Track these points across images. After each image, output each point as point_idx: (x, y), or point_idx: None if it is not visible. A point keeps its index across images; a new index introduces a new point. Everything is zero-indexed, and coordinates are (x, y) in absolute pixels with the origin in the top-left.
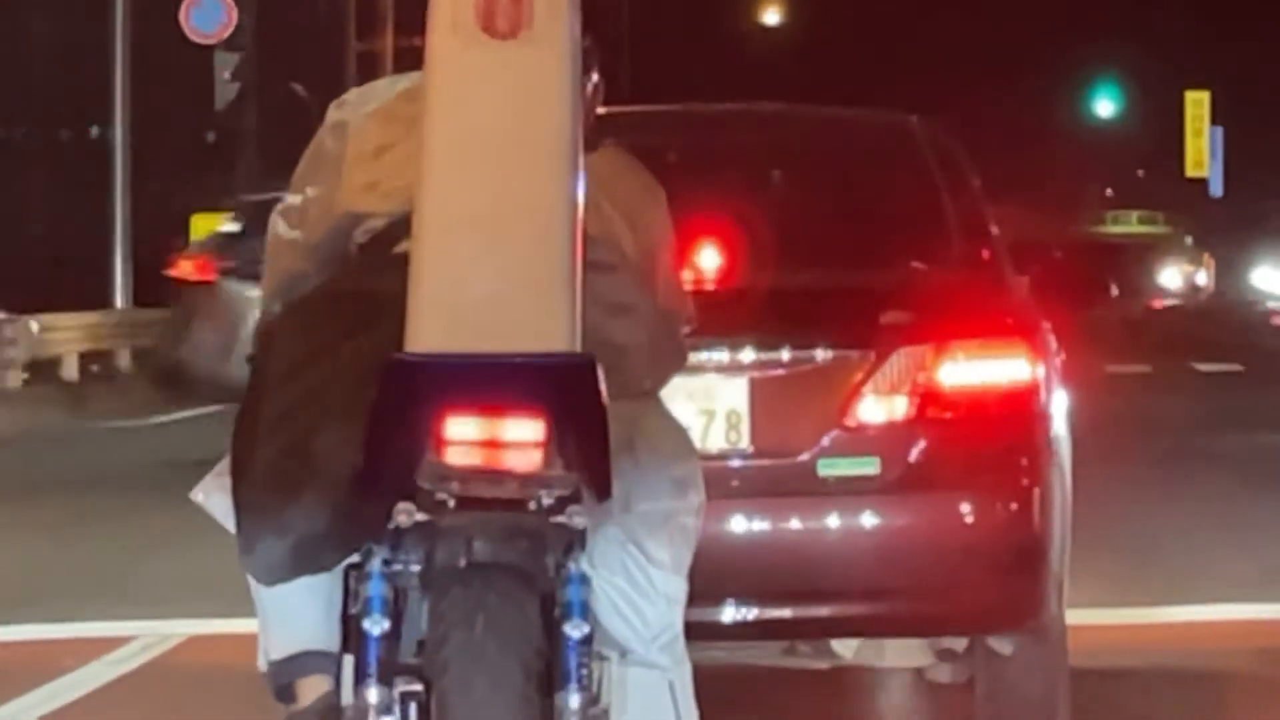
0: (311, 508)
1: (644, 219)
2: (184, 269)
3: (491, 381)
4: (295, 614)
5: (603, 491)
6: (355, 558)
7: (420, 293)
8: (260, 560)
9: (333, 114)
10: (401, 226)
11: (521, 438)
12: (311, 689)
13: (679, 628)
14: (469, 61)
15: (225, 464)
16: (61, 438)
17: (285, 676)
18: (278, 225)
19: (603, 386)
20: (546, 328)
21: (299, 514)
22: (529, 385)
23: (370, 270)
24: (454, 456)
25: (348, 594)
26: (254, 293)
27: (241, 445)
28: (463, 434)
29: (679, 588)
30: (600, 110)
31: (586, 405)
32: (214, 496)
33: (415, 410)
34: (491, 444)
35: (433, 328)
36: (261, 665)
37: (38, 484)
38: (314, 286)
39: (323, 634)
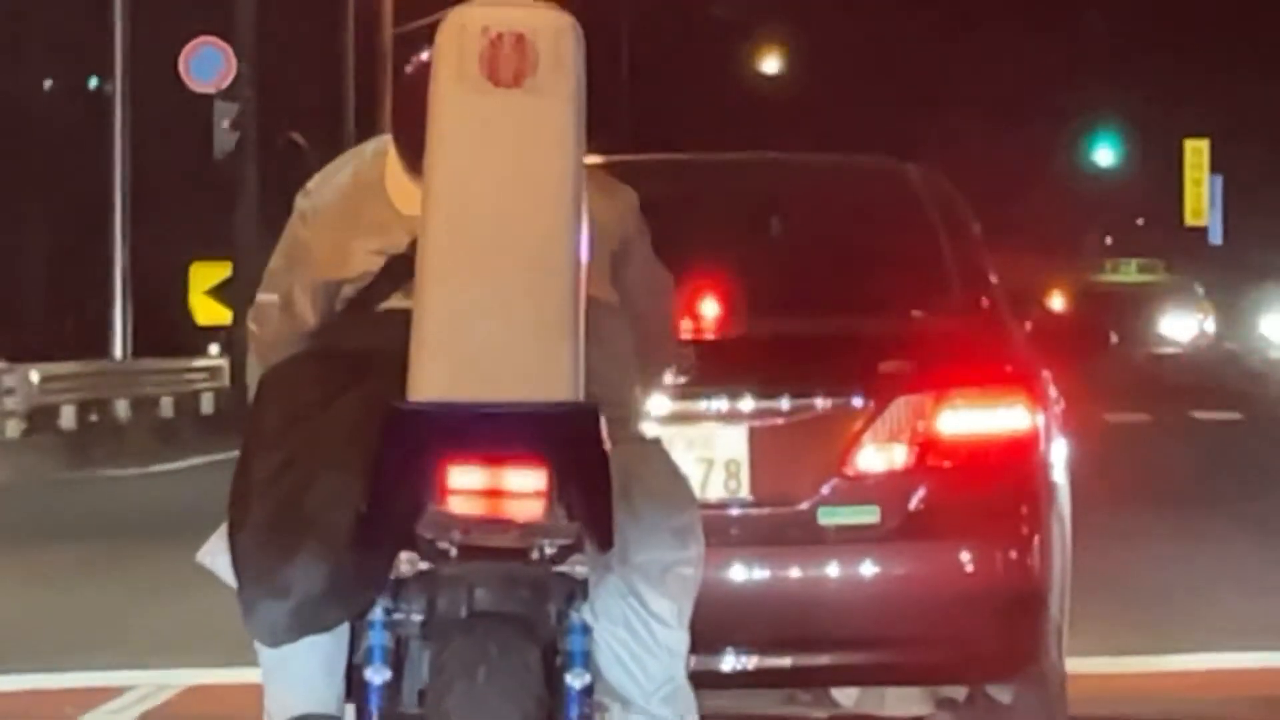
0: (309, 568)
1: (607, 224)
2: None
3: (493, 431)
4: (297, 675)
5: (605, 541)
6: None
7: (422, 341)
8: (262, 622)
9: (300, 203)
10: (378, 287)
11: (523, 487)
12: None
13: (680, 680)
14: (473, 109)
15: (227, 526)
16: (60, 487)
17: None
18: (255, 326)
19: (605, 435)
20: (548, 376)
21: (297, 575)
22: (531, 434)
23: (354, 329)
24: (456, 505)
25: (354, 646)
26: None
27: (237, 506)
28: (465, 483)
29: (680, 640)
30: (600, 160)
31: (588, 454)
32: (219, 558)
33: (417, 459)
34: (493, 493)
35: (435, 376)
36: None
37: (36, 533)
38: (301, 350)
39: (325, 695)
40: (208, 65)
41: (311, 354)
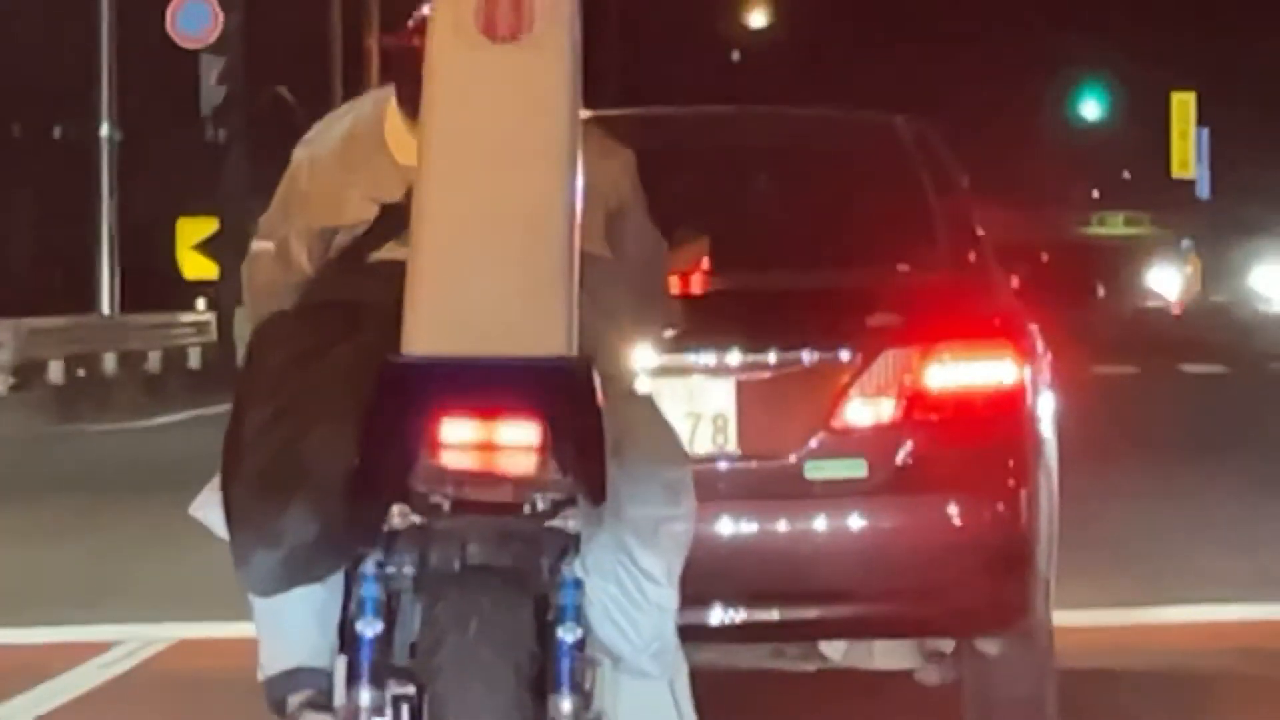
0: (302, 517)
1: (604, 184)
2: None
3: (487, 384)
4: (290, 628)
5: (597, 496)
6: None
7: (417, 295)
8: (254, 572)
9: (297, 154)
10: (371, 237)
11: (516, 441)
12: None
13: (670, 637)
14: (469, 64)
15: (219, 478)
16: (47, 441)
17: (279, 691)
18: (249, 273)
19: (599, 390)
20: (543, 331)
21: (290, 524)
22: (524, 388)
23: (347, 280)
24: (449, 459)
25: (347, 599)
26: None
27: (230, 456)
28: (458, 437)
29: (670, 598)
30: (586, 113)
31: (582, 409)
32: (211, 510)
33: (411, 412)
34: (486, 447)
35: (429, 330)
36: (259, 676)
37: (23, 488)
38: (295, 301)
39: (318, 649)
40: (194, 19)
41: (305, 305)
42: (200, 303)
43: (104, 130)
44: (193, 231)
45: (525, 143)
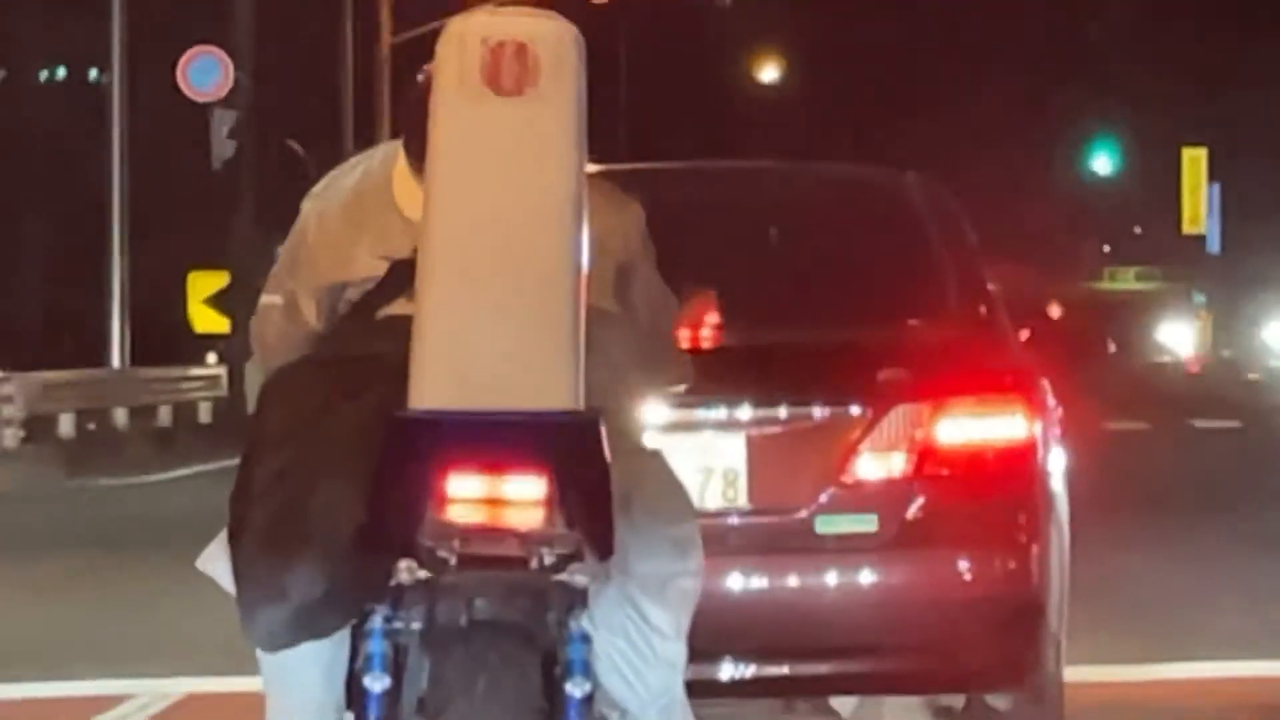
0: (309, 573)
1: (615, 238)
2: None
3: (494, 439)
4: (296, 685)
5: (604, 550)
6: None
7: (423, 349)
8: (260, 627)
9: (306, 206)
10: (380, 293)
11: (523, 495)
12: None
13: (678, 692)
14: (474, 118)
15: (227, 532)
16: (58, 496)
17: None
18: (258, 328)
19: (606, 444)
20: (550, 385)
21: (297, 580)
22: (531, 443)
23: (358, 336)
24: (456, 514)
25: (354, 654)
26: None
27: (238, 510)
28: (465, 491)
29: (679, 653)
30: (595, 168)
31: (589, 463)
32: (219, 564)
33: (418, 467)
34: (493, 501)
35: (436, 384)
36: None
37: (34, 542)
38: (304, 355)
39: (325, 704)
40: (206, 74)
41: (314, 360)
42: (211, 357)
43: (115, 184)
44: (203, 285)
45: (531, 196)
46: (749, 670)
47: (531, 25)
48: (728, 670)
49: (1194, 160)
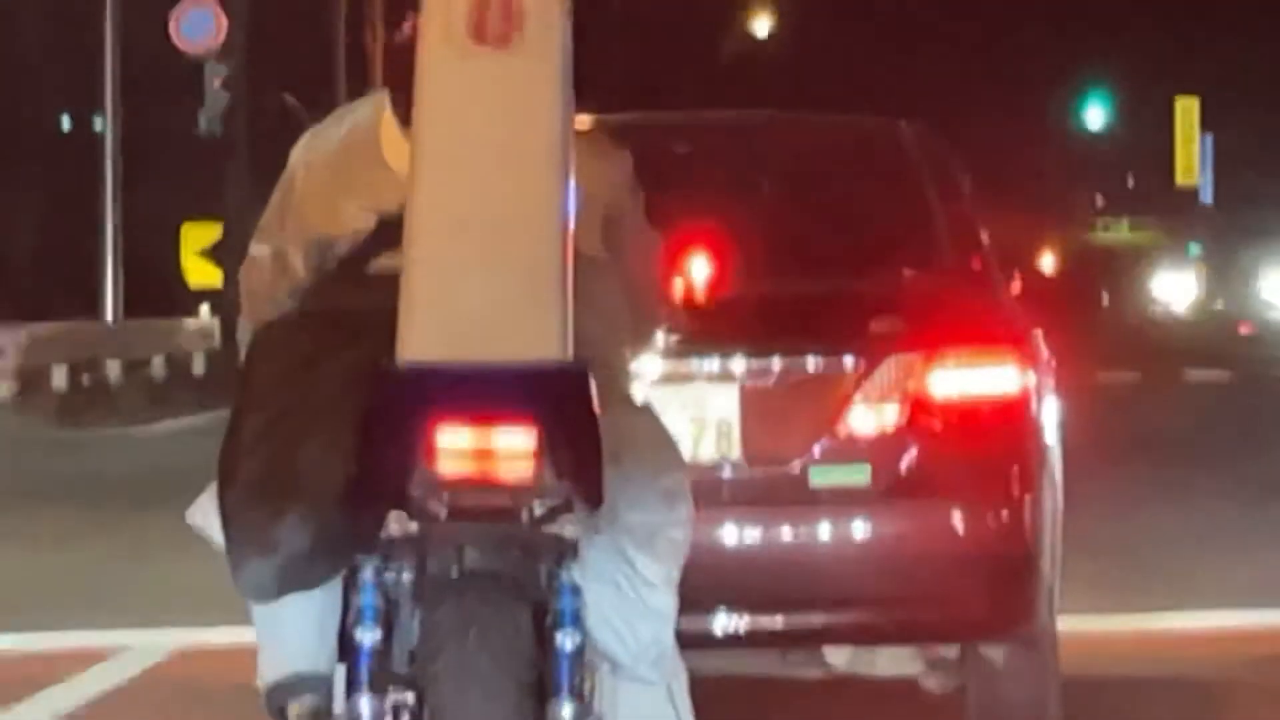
0: (297, 525)
1: (602, 187)
2: None
3: (483, 391)
4: (289, 635)
5: (594, 501)
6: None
7: (411, 302)
8: (250, 579)
9: (294, 158)
10: (369, 247)
11: (513, 447)
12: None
13: (668, 643)
14: (460, 70)
15: (216, 485)
16: (51, 447)
17: (279, 699)
18: (246, 277)
19: (595, 395)
20: (538, 336)
21: (285, 531)
22: (520, 394)
23: (346, 290)
24: (446, 466)
25: (346, 607)
26: None
27: (227, 462)
28: (454, 444)
29: (669, 604)
30: (588, 118)
31: (578, 414)
32: (209, 517)
33: (407, 420)
34: (483, 454)
35: (424, 337)
36: (259, 684)
37: (27, 494)
38: (293, 308)
39: (317, 655)
40: (198, 26)
41: (304, 314)
42: (204, 309)
43: (108, 136)
44: (197, 237)
45: (516, 147)
46: (742, 622)
47: None
48: (720, 622)
49: (1187, 111)
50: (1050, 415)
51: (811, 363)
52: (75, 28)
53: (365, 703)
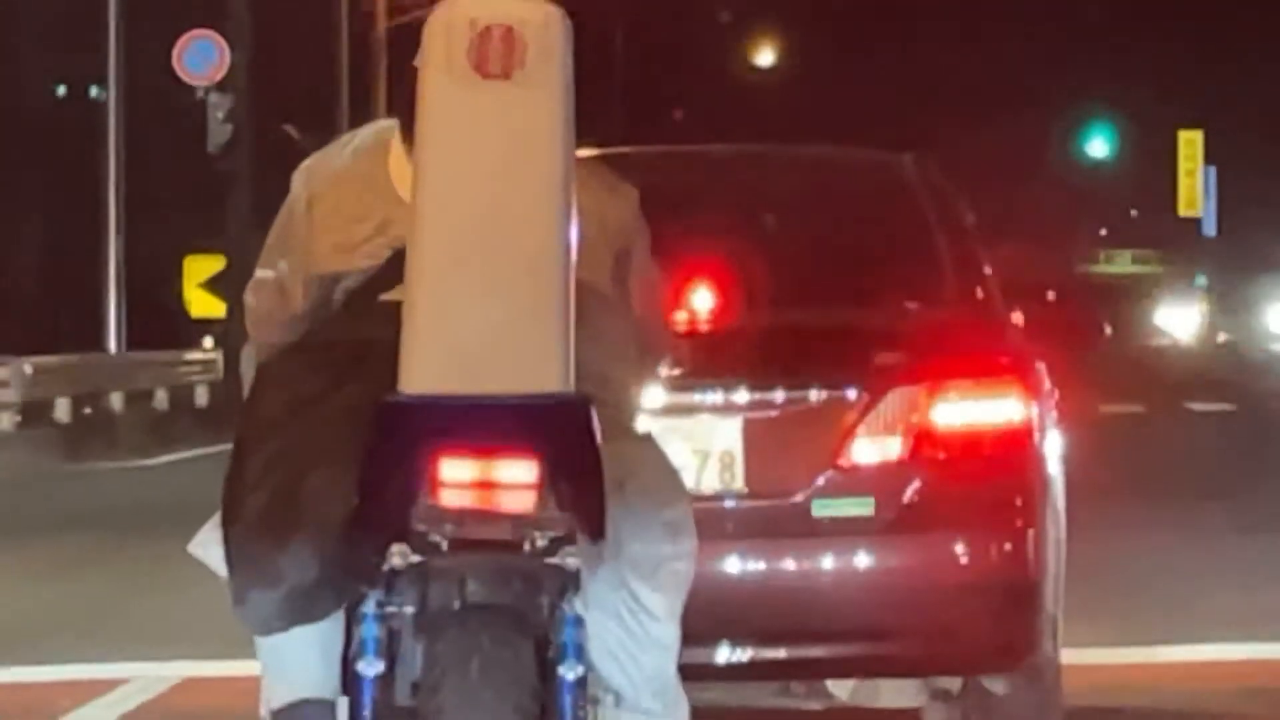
0: (302, 557)
1: (612, 222)
2: None
3: (485, 423)
4: (293, 663)
5: (596, 532)
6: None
7: (413, 334)
8: (253, 611)
9: (296, 185)
10: (381, 279)
11: (515, 479)
12: None
13: (671, 674)
14: (462, 102)
15: (220, 516)
16: (54, 479)
17: None
18: (251, 300)
19: (596, 427)
20: (540, 368)
21: (289, 564)
22: (522, 426)
23: (355, 320)
24: (448, 498)
25: (349, 638)
26: None
27: (231, 494)
28: (456, 475)
29: (671, 635)
30: (591, 152)
31: (580, 446)
32: (211, 548)
33: (409, 452)
34: (485, 485)
35: (426, 369)
36: (263, 713)
37: (31, 526)
38: (299, 338)
39: (322, 682)
40: (201, 57)
41: (308, 345)
42: (207, 340)
43: (111, 168)
44: (200, 269)
45: (519, 179)
46: (745, 653)
47: (518, 9)
48: (724, 653)
49: (1190, 142)
50: (1053, 447)
51: (815, 394)
52: (79, 60)
53: None
